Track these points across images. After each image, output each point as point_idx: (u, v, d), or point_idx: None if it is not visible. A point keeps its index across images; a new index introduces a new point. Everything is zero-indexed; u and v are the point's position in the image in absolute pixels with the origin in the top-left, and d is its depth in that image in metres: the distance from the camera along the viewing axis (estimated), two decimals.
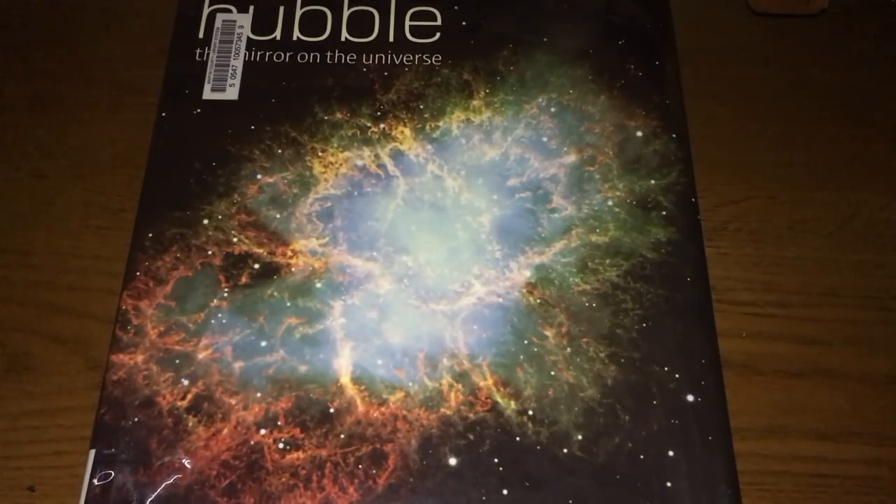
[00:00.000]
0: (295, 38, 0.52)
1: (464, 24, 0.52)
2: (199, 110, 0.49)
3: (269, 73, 0.51)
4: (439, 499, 0.39)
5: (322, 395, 0.41)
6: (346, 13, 0.53)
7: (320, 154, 0.48)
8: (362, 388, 0.42)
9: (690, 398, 0.42)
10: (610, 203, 0.47)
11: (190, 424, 0.41)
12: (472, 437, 0.40)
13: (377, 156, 0.48)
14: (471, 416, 0.41)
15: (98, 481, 0.39)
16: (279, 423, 0.41)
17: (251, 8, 0.53)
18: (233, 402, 0.41)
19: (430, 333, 0.43)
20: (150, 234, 0.45)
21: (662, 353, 0.42)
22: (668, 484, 0.40)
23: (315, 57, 0.51)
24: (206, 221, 0.46)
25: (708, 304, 0.44)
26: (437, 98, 0.50)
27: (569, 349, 0.43)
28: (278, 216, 0.46)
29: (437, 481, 0.40)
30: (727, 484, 0.40)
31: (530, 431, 0.41)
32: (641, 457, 0.40)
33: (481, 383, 0.42)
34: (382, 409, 0.41)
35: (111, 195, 0.50)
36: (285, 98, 0.50)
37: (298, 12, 0.53)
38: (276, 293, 0.44)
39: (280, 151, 0.48)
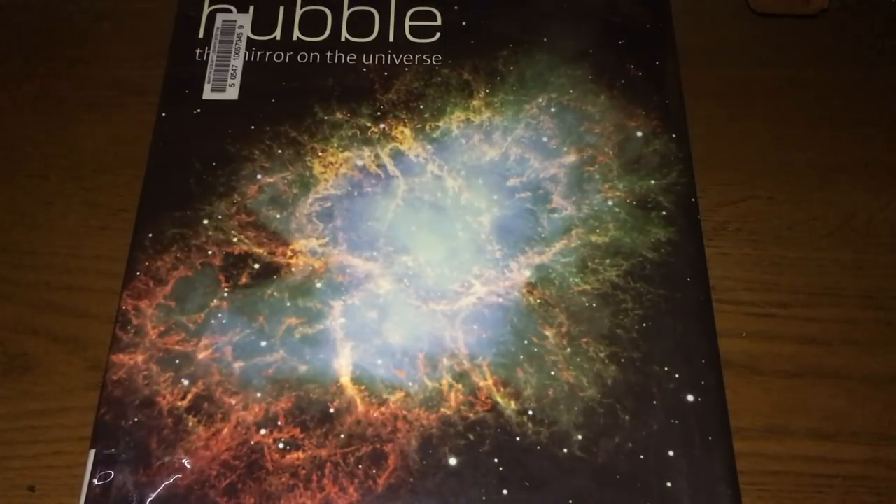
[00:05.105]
0: (295, 38, 0.52)
1: (464, 24, 0.52)
2: (199, 110, 0.49)
3: (269, 73, 0.51)
4: (439, 499, 0.39)
5: (322, 395, 0.41)
6: (346, 13, 0.53)
7: (320, 154, 0.48)
8: (362, 388, 0.42)
9: (690, 398, 0.42)
10: (610, 203, 0.47)
11: (190, 424, 0.41)
12: (472, 437, 0.40)
13: (377, 156, 0.48)
14: (471, 416, 0.41)
15: (98, 481, 0.39)
16: (279, 423, 0.41)
17: (251, 8, 0.53)
18: (233, 402, 0.41)
19: (430, 333, 0.43)
20: (150, 234, 0.45)
21: (662, 353, 0.42)
22: (668, 484, 0.40)
23: (315, 57, 0.51)
24: (206, 221, 0.46)
25: (708, 304, 0.44)
26: (437, 98, 0.50)
27: (569, 349, 0.43)
28: (278, 216, 0.46)
29: (437, 481, 0.40)
30: (727, 484, 0.40)
31: (530, 431, 0.41)
32: (641, 457, 0.40)
33: (481, 383, 0.42)
34: (382, 409, 0.41)
35: (111, 195, 0.50)
36: (285, 98, 0.50)
37: (298, 12, 0.53)
38: (276, 293, 0.44)
39: (280, 151, 0.48)
